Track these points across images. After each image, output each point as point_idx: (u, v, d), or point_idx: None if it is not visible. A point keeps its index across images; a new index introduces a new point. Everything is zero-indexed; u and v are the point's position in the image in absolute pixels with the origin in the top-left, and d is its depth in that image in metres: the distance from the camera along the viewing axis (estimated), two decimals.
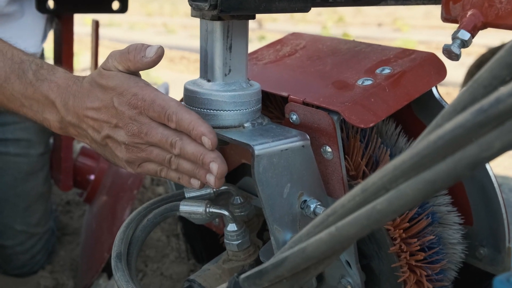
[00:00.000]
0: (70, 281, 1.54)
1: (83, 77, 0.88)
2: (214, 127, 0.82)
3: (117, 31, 10.55)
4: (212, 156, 0.78)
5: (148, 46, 0.84)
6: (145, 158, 0.83)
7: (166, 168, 0.84)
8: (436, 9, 0.89)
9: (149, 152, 0.83)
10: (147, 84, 0.84)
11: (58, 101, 0.88)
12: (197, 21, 0.84)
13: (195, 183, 0.82)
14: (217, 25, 0.81)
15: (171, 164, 0.82)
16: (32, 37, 1.46)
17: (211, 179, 0.79)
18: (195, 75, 0.88)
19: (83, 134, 0.88)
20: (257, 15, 0.83)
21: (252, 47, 1.12)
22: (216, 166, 0.77)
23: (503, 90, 0.40)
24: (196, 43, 0.86)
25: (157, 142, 0.81)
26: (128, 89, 0.82)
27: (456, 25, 0.84)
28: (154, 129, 0.81)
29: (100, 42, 1.72)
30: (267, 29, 10.23)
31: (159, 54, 0.84)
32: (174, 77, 5.27)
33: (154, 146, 0.82)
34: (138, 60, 0.83)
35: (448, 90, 4.70)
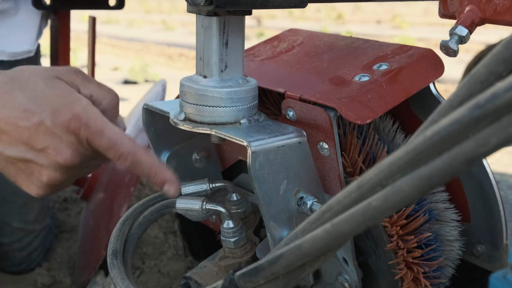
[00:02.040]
0: (67, 279, 1.54)
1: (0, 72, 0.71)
2: (210, 124, 0.82)
3: (115, 28, 10.53)
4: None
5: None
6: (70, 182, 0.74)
7: None
8: (435, 6, 0.89)
9: (82, 173, 0.74)
10: (91, 105, 0.70)
11: None
12: (195, 18, 0.83)
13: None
14: (213, 21, 0.80)
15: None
16: (27, 34, 1.45)
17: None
18: (194, 72, 0.87)
19: None
20: (256, 13, 0.83)
21: (251, 44, 1.12)
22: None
23: (499, 85, 0.40)
24: (194, 40, 0.86)
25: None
26: (68, 105, 0.68)
27: (454, 21, 0.83)
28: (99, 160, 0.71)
29: (99, 39, 1.71)
30: (265, 26, 10.22)
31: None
32: (172, 74, 5.26)
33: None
34: (116, 107, 0.74)
35: (447, 87, 4.70)
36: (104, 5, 1.55)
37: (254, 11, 0.82)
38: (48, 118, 0.67)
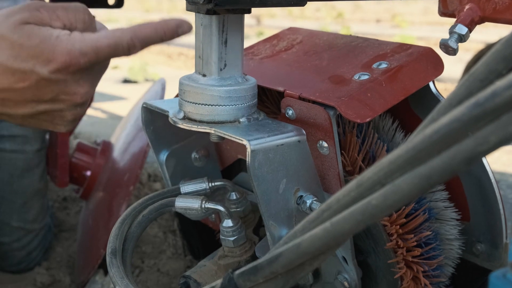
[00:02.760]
0: (67, 278, 1.54)
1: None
2: (209, 122, 0.81)
3: (115, 27, 10.53)
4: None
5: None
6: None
7: None
8: (435, 5, 0.88)
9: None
10: (69, 33, 0.67)
11: None
12: (194, 17, 0.83)
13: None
14: (212, 19, 0.80)
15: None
16: None
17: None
18: (193, 71, 0.87)
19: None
20: (256, 11, 0.83)
21: (251, 43, 1.11)
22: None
23: (499, 83, 0.40)
24: (194, 39, 0.86)
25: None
26: (53, 48, 0.65)
27: (453, 20, 0.83)
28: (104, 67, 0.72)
29: None
30: (265, 25, 10.22)
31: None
32: (172, 73, 5.26)
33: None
34: (93, 24, 0.70)
35: (446, 86, 4.70)
36: (103, 4, 1.54)
37: (253, 9, 0.81)
38: (43, 71, 0.64)
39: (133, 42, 0.67)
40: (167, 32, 0.69)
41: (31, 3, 0.67)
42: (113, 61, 6.19)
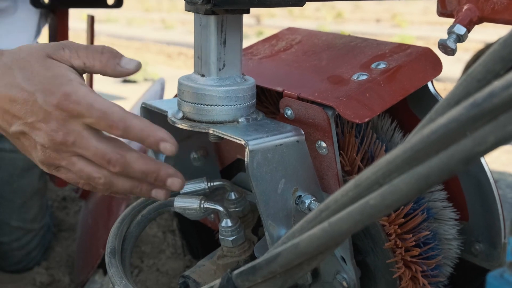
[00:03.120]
0: (66, 277, 1.54)
1: (3, 53, 0.75)
2: (208, 122, 0.81)
3: (114, 27, 10.53)
4: (170, 172, 0.71)
5: (123, 56, 0.76)
6: (64, 167, 0.73)
7: (91, 184, 0.73)
8: (434, 5, 0.89)
9: (70, 163, 0.72)
10: (83, 84, 0.72)
11: None
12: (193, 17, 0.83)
13: (157, 194, 0.75)
14: (211, 20, 0.80)
15: (97, 185, 0.72)
16: (25, 32, 1.45)
17: (160, 194, 0.73)
18: (193, 71, 0.87)
19: None
20: (256, 11, 0.83)
21: (250, 42, 1.11)
22: (178, 180, 0.71)
23: (497, 84, 0.40)
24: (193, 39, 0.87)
25: (88, 156, 0.71)
26: (60, 86, 0.70)
27: (452, 20, 0.83)
28: (85, 140, 0.70)
29: (98, 37, 1.71)
30: (265, 25, 10.22)
31: (138, 69, 0.76)
32: (171, 73, 5.26)
33: (79, 157, 0.71)
34: (110, 65, 0.74)
35: (445, 86, 4.70)
36: (103, 4, 1.54)
37: (253, 9, 0.81)
38: (40, 97, 0.70)
39: (117, 124, 0.69)
40: (150, 139, 0.70)
41: (62, 42, 0.75)
42: None
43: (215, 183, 0.92)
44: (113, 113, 0.69)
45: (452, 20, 0.83)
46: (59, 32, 1.51)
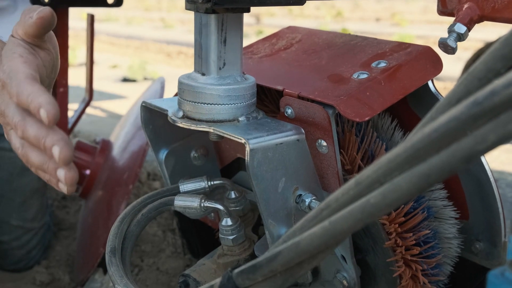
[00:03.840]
0: (66, 276, 1.54)
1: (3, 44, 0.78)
2: (208, 121, 0.81)
3: (114, 26, 10.52)
4: (54, 139, 0.63)
5: (42, 8, 0.72)
6: (11, 141, 0.72)
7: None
8: (434, 4, 0.88)
9: (7, 134, 0.72)
10: (21, 55, 0.71)
11: None
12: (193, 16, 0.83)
13: (62, 187, 0.68)
14: (211, 18, 0.80)
15: (22, 156, 0.70)
16: None
17: (61, 173, 0.65)
18: (192, 70, 0.87)
19: None
20: (255, 10, 0.83)
21: (250, 41, 1.11)
22: (58, 150, 0.62)
23: (498, 82, 0.40)
24: (193, 38, 0.87)
25: (11, 124, 0.69)
26: (4, 59, 0.71)
27: (452, 19, 0.83)
28: (7, 108, 0.69)
29: (97, 37, 1.71)
30: (265, 24, 10.21)
31: (41, 15, 0.70)
32: (171, 72, 5.25)
33: (10, 128, 0.71)
34: (25, 21, 0.72)
35: (446, 85, 4.70)
36: (102, 3, 1.54)
37: (253, 8, 0.81)
38: None
39: (12, 92, 0.67)
40: (32, 105, 0.66)
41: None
42: (112, 60, 6.19)
43: (215, 182, 0.92)
44: (14, 79, 0.67)
45: (452, 19, 0.83)
46: (59, 31, 1.51)
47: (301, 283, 0.91)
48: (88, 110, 3.13)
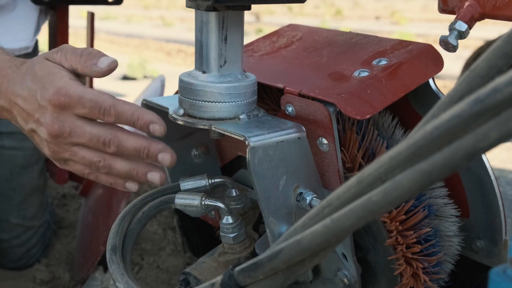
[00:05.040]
0: (66, 275, 1.54)
1: (23, 62, 0.84)
2: (209, 119, 0.81)
3: (113, 24, 10.51)
4: (160, 147, 0.73)
5: (103, 56, 0.79)
6: (69, 158, 0.78)
7: (95, 171, 0.78)
8: (434, 3, 0.88)
9: (72, 153, 0.77)
10: (73, 79, 0.77)
11: None
12: (194, 14, 0.83)
13: (132, 186, 0.77)
14: (212, 16, 0.80)
15: (99, 169, 0.77)
16: (24, 30, 1.44)
17: (155, 176, 0.75)
18: (192, 68, 0.87)
19: (15, 120, 0.84)
20: (255, 8, 0.83)
21: (250, 40, 1.11)
22: (168, 155, 0.73)
23: (500, 80, 0.40)
24: (193, 36, 0.88)
25: (84, 142, 0.75)
26: (52, 82, 0.76)
27: (453, 17, 0.83)
28: (79, 128, 0.75)
29: (97, 35, 1.71)
30: (264, 22, 10.21)
31: (111, 68, 0.78)
32: (171, 70, 5.26)
33: (79, 147, 0.76)
34: (87, 65, 0.78)
35: (446, 83, 4.70)
36: (102, 1, 1.54)
37: (252, 6, 0.81)
38: (39, 94, 0.77)
39: (109, 111, 0.74)
40: (140, 121, 0.75)
41: (61, 46, 0.82)
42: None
43: (216, 180, 0.92)
44: (104, 101, 0.74)
45: (453, 17, 0.83)
46: (59, 29, 1.51)
47: (302, 281, 0.91)
48: None
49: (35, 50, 1.54)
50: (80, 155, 0.76)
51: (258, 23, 10.07)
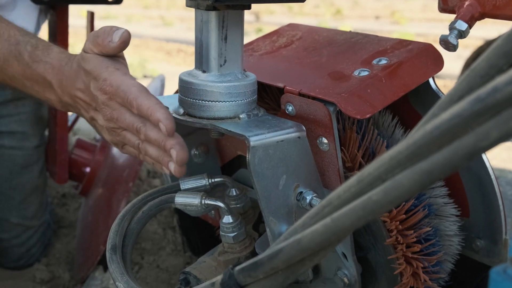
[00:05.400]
0: (66, 274, 1.54)
1: (75, 57, 0.89)
2: (209, 118, 0.81)
3: (113, 24, 10.51)
4: (171, 143, 0.77)
5: (116, 29, 0.82)
6: (122, 141, 0.84)
7: (142, 154, 0.84)
8: (434, 2, 0.88)
9: (123, 136, 0.83)
10: (117, 68, 0.83)
11: (54, 82, 0.89)
12: (194, 13, 0.83)
13: (166, 170, 0.81)
14: (212, 15, 0.80)
15: (140, 150, 0.82)
16: None
17: (171, 167, 0.78)
18: (192, 68, 0.87)
19: (79, 113, 0.91)
20: (255, 8, 0.83)
21: (249, 39, 1.11)
22: (175, 152, 0.76)
23: (500, 79, 0.40)
24: (193, 36, 0.88)
25: (126, 127, 0.82)
26: (100, 74, 0.82)
27: (453, 16, 0.83)
28: (122, 115, 0.81)
29: None
30: (264, 21, 10.21)
31: (123, 39, 0.82)
32: (171, 69, 5.25)
33: (126, 131, 0.83)
34: (105, 44, 0.82)
35: (446, 83, 4.70)
36: (102, 0, 1.54)
37: (252, 6, 0.81)
38: (92, 85, 0.83)
39: (132, 104, 0.78)
40: (152, 118, 0.77)
41: (89, 34, 0.86)
42: None
43: (216, 180, 0.92)
44: (130, 93, 0.78)
45: (453, 16, 0.83)
46: (59, 28, 1.51)
47: (302, 280, 0.91)
48: None
49: None
50: (127, 138, 0.83)
51: (258, 22, 10.07)
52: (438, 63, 0.86)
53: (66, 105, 0.92)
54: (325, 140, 0.81)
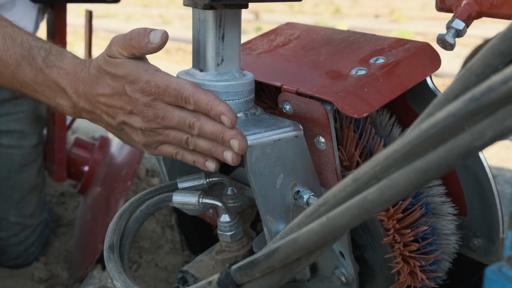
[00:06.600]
0: (65, 273, 1.54)
1: (90, 62, 0.89)
2: None
3: (113, 22, 10.50)
4: (232, 133, 0.78)
5: (151, 30, 0.83)
6: (162, 141, 0.85)
7: (182, 150, 0.85)
8: (433, 1, 0.88)
9: (165, 135, 0.84)
10: (157, 70, 0.84)
11: (69, 88, 0.89)
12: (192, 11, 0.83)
13: (210, 165, 0.83)
14: (210, 14, 0.80)
15: (188, 144, 0.83)
16: (23, 28, 1.44)
17: (228, 155, 0.79)
18: (190, 66, 0.87)
19: (97, 118, 0.91)
20: (254, 7, 0.83)
21: (249, 38, 1.11)
22: (237, 142, 0.77)
23: (495, 78, 0.40)
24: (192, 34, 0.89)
25: (174, 125, 0.83)
26: (139, 77, 0.82)
27: (450, 15, 0.83)
28: (170, 113, 0.82)
29: (96, 33, 1.70)
30: (263, 20, 10.20)
31: (164, 40, 0.83)
32: (170, 68, 5.24)
33: (170, 129, 0.84)
34: (143, 46, 0.83)
35: (444, 81, 4.70)
36: None
37: (251, 5, 0.81)
38: (128, 88, 0.83)
39: (189, 100, 0.80)
40: (212, 111, 0.78)
41: (111, 41, 0.86)
42: None
43: (213, 179, 0.92)
44: (185, 90, 0.80)
45: (450, 15, 0.83)
46: (57, 27, 1.50)
47: (299, 279, 0.91)
48: None
49: None
50: (172, 136, 0.84)
51: (258, 21, 10.06)
52: (435, 62, 0.86)
53: (80, 111, 0.91)
54: (322, 139, 0.81)
